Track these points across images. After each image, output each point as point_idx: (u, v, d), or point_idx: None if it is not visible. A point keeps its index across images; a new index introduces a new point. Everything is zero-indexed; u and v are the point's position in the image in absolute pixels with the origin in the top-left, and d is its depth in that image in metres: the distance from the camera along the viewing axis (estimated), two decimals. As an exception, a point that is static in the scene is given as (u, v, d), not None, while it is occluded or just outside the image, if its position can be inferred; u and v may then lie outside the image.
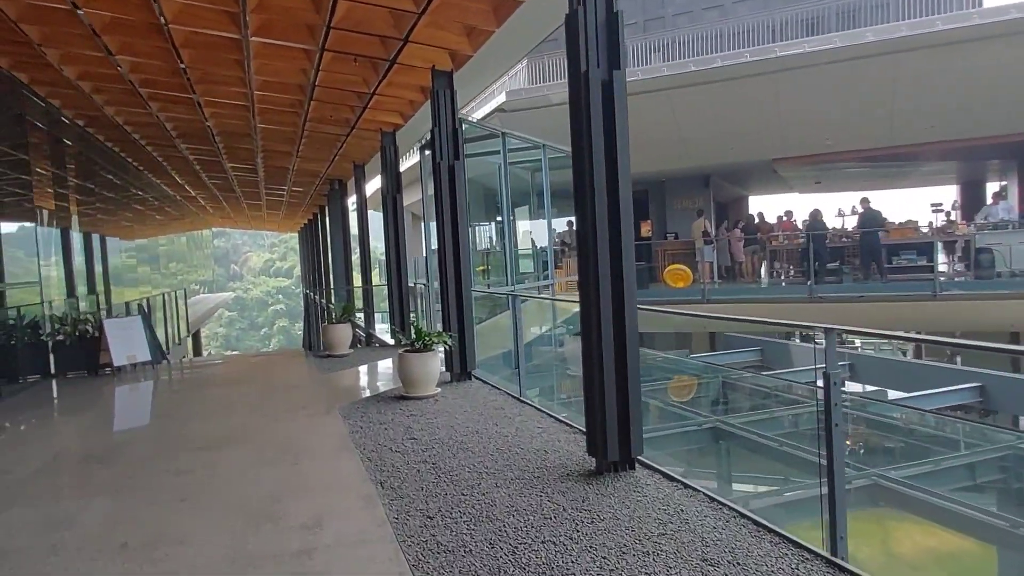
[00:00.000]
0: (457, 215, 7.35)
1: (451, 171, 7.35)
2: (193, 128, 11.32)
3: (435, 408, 6.18)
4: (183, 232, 36.66)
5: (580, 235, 4.24)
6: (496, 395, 6.70)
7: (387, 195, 10.58)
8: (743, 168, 17.56)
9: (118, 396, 7.62)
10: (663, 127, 14.00)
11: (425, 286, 10.47)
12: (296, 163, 14.18)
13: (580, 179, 4.18)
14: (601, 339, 4.06)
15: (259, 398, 7.01)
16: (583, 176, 4.16)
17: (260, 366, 9.43)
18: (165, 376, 9.06)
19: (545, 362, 10.54)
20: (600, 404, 4.08)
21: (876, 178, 19.99)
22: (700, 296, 13.97)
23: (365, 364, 9.06)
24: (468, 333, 7.42)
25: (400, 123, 10.14)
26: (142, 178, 16.79)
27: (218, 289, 69.04)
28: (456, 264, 7.37)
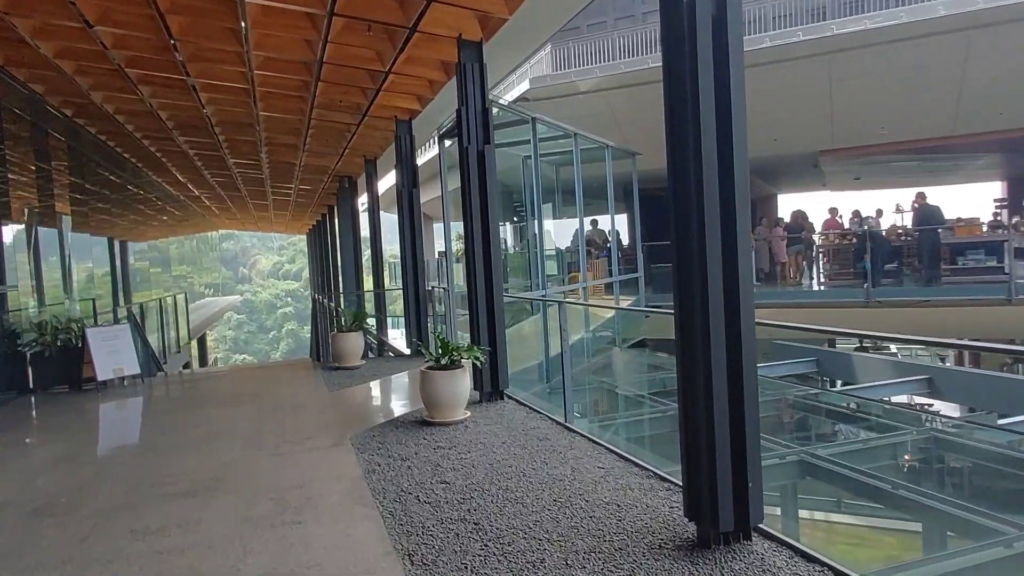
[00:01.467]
0: (487, 208, 6.32)
1: (481, 158, 6.32)
2: (190, 118, 10.35)
3: (466, 437, 5.15)
4: (188, 234, 35.90)
5: (680, 227, 3.19)
6: (536, 420, 5.66)
7: (402, 190, 9.57)
8: (782, 162, 16.38)
9: (96, 419, 6.63)
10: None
11: (445, 290, 9.44)
12: (303, 158, 13.20)
13: (680, 152, 3.14)
14: (710, 365, 3.01)
15: (257, 422, 5.99)
16: (683, 149, 3.12)
17: (262, 380, 8.43)
18: (155, 392, 8.07)
19: (578, 374, 9.48)
20: (708, 453, 3.02)
21: (920, 173, 18.74)
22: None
23: (379, 379, 8.04)
24: (501, 346, 6.39)
25: (417, 109, 9.12)
26: (140, 175, 15.87)
27: (226, 292, 68.61)
28: (487, 265, 6.34)
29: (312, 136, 11.21)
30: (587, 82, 12.36)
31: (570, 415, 5.55)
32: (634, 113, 12.89)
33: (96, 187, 14.38)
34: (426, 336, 9.64)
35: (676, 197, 3.16)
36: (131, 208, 17.42)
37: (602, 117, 12.17)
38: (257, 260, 76.86)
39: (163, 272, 26.09)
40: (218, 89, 8.69)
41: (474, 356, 5.56)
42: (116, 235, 16.40)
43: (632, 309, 11.65)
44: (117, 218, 16.98)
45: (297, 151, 12.56)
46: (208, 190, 19.23)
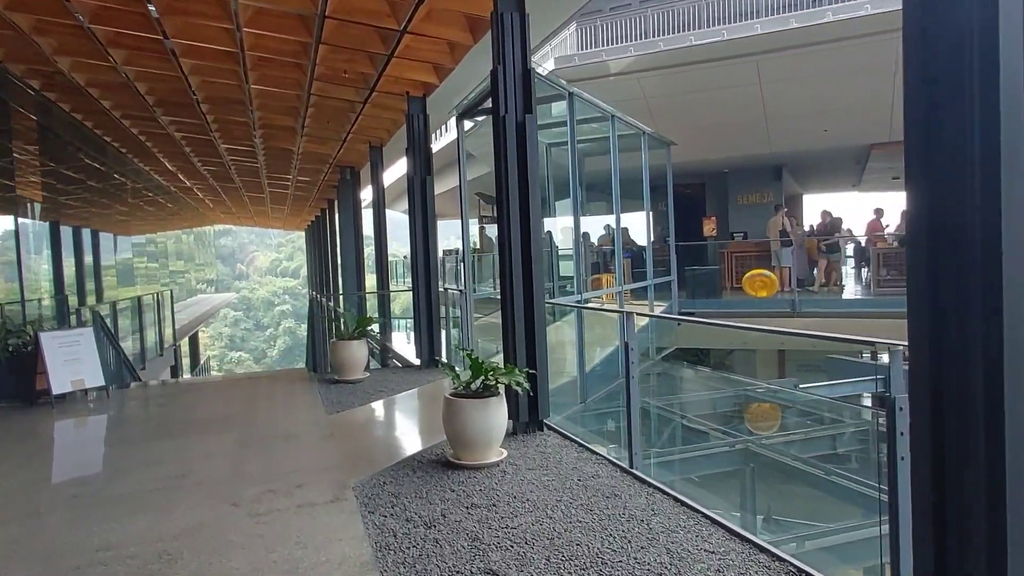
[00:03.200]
0: (529, 192, 5.08)
1: (520, 130, 5.08)
2: (173, 92, 9.10)
3: (507, 490, 3.91)
4: (182, 229, 34.61)
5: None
6: (591, 463, 4.43)
7: (414, 177, 8.33)
8: (823, 157, 15.10)
9: (36, 448, 5.37)
10: (742, 103, 11.70)
11: (461, 292, 8.19)
12: (301, 144, 11.95)
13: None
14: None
15: (236, 460, 4.74)
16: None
17: (250, 396, 7.17)
18: (120, 411, 6.80)
19: (613, 392, 8.23)
20: None
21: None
22: (789, 308, 11.65)
23: (386, 397, 6.79)
24: (542, 364, 5.14)
25: (433, 82, 7.88)
26: (125, 163, 14.60)
27: (224, 289, 67.36)
28: (526, 265, 5.10)
29: (312, 117, 9.96)
30: (620, 62, 11.14)
31: (637, 459, 4.30)
32: (670, 98, 11.66)
33: (74, 173, 13.14)
34: (436, 343, 8.40)
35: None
36: (115, 198, 16.15)
37: (633, 103, 10.98)
38: (255, 257, 75.67)
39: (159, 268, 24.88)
40: (201, 54, 7.44)
41: (515, 381, 4.31)
42: (99, 227, 15.13)
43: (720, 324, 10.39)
44: (100, 208, 15.71)
45: (295, 135, 11.31)
46: (200, 181, 17.97)
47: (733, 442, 6.86)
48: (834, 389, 9.02)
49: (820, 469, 6.08)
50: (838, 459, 6.59)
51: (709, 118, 12.48)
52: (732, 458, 6.67)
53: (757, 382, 9.79)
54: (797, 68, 10.69)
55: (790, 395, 9.14)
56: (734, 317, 11.75)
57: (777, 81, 11.05)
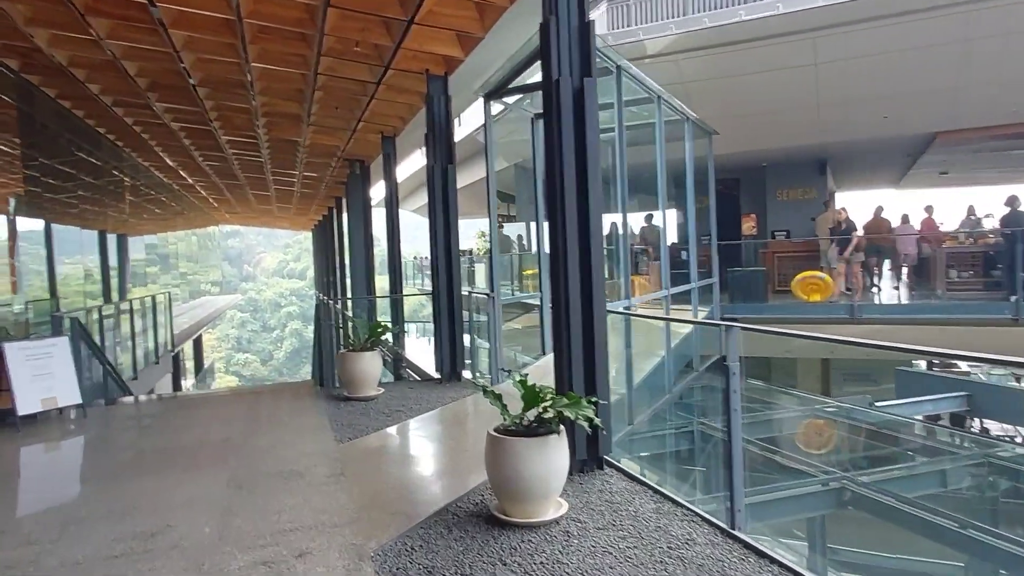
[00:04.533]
0: (588, 176, 4.09)
1: (578, 98, 4.10)
2: (165, 73, 8.17)
3: (578, 564, 2.95)
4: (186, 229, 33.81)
5: None
6: (676, 519, 3.46)
7: (434, 167, 7.35)
8: (878, 148, 13.91)
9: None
10: (793, 87, 10.65)
11: (489, 297, 7.21)
12: (308, 135, 11.02)
13: None
14: None
15: (222, 510, 3.77)
16: None
17: (248, 418, 6.19)
18: (95, 434, 5.86)
19: (662, 410, 7.21)
20: None
21: (1015, 172, 16.34)
22: (847, 313, 10.60)
23: (406, 419, 5.81)
24: (604, 388, 4.16)
25: (457, 56, 6.92)
26: (121, 157, 13.70)
27: (230, 290, 66.72)
28: (585, 266, 4.12)
29: (319, 103, 9.02)
30: (658, 42, 10.12)
31: (741, 517, 3.31)
32: (711, 82, 10.63)
33: (63, 166, 12.24)
34: (460, 355, 7.43)
35: None
36: (110, 194, 15.26)
37: (670, 89, 9.99)
38: (262, 258, 75.04)
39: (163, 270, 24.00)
40: (194, 23, 6.51)
41: (582, 415, 3.32)
42: (96, 226, 14.25)
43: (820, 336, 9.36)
44: (93, 205, 14.83)
45: (300, 124, 10.38)
46: (203, 177, 17.08)
47: (826, 479, 5.84)
48: (914, 407, 7.98)
49: (952, 519, 5.06)
50: (956, 502, 5.56)
51: (753, 105, 11.46)
52: (825, 499, 5.66)
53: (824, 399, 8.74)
54: (859, 46, 9.63)
55: (863, 414, 8.08)
56: (784, 324, 10.72)
57: (835, 61, 9.99)
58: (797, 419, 8.25)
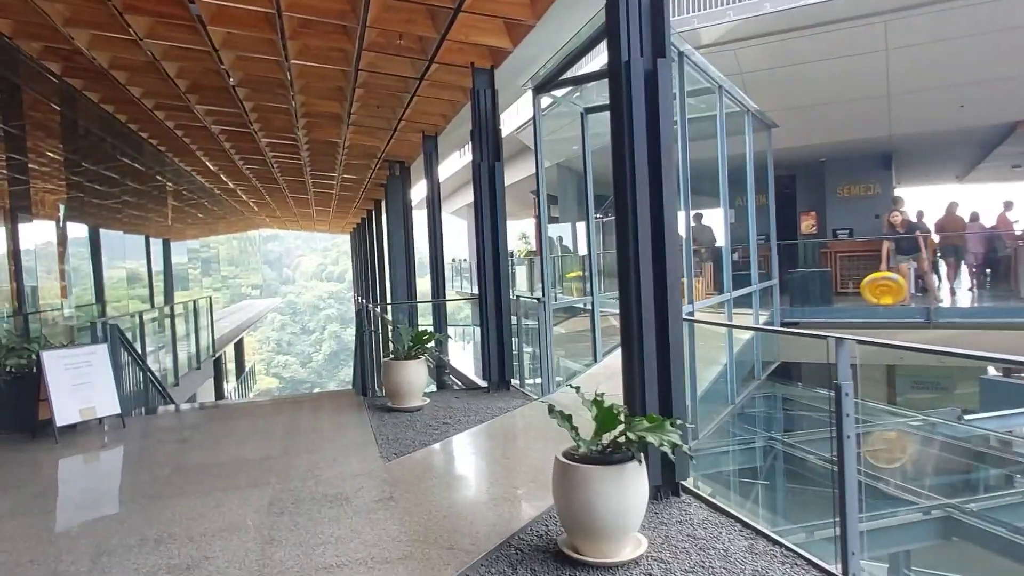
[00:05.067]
0: (661, 168, 3.66)
1: (651, 81, 3.68)
2: (205, 74, 8.00)
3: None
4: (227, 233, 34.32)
5: None
6: (776, 561, 2.99)
7: (481, 164, 6.99)
8: (949, 140, 13.00)
9: (5, 506, 4.17)
10: (861, 75, 9.94)
11: (540, 302, 6.80)
12: (348, 136, 10.78)
13: None
14: None
15: (262, 540, 3.44)
16: None
17: (288, 431, 5.90)
18: (133, 446, 5.64)
19: (725, 425, 6.69)
20: None
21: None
22: (922, 317, 9.88)
23: (455, 433, 5.44)
24: (680, 406, 3.72)
25: (505, 47, 6.53)
26: (163, 161, 13.73)
27: (271, 293, 67.88)
28: (659, 268, 3.68)
29: (360, 101, 8.75)
30: (715, 30, 9.59)
31: (855, 561, 2.83)
32: (771, 72, 9.99)
33: (108, 172, 12.29)
34: (508, 362, 7.04)
35: None
36: (153, 199, 15.37)
37: (726, 80, 9.46)
38: (301, 261, 76.12)
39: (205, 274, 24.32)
40: (232, 18, 6.27)
41: (667, 440, 2.88)
42: (140, 231, 14.35)
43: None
44: (137, 211, 14.94)
45: (340, 125, 10.14)
46: (243, 181, 17.10)
47: (927, 507, 5.25)
48: (1007, 420, 7.27)
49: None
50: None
51: (816, 95, 10.79)
52: (928, 529, 5.08)
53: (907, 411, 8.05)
54: (935, 30, 8.91)
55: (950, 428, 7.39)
56: (852, 329, 10.05)
57: (908, 47, 9.29)
58: (880, 433, 7.60)
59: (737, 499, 5.23)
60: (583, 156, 7.92)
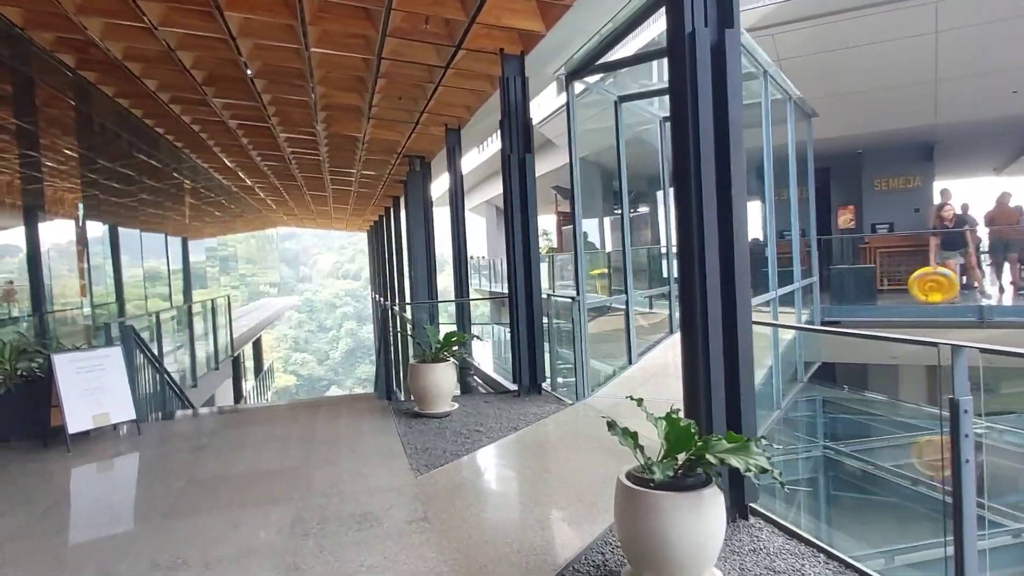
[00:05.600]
0: (730, 154, 3.27)
1: (717, 55, 3.29)
2: (221, 64, 7.72)
3: None
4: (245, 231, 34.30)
5: None
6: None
7: (511, 155, 6.62)
8: (996, 129, 12.39)
9: (9, 523, 3.87)
10: (907, 60, 9.39)
11: (574, 301, 6.41)
12: (368, 129, 10.45)
13: None
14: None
15: (286, 569, 3.10)
16: None
17: (310, 437, 5.57)
18: (147, 455, 5.34)
19: (771, 431, 6.26)
20: None
21: None
22: (975, 316, 9.36)
23: (489, 442, 5.08)
24: (750, 420, 3.32)
25: (537, 30, 6.14)
26: (179, 157, 13.50)
27: (288, 291, 68.13)
28: (727, 268, 3.29)
29: (381, 92, 8.40)
30: (753, 14, 9.08)
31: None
32: (811, 59, 9.48)
33: (125, 169, 12.10)
34: (540, 364, 6.67)
35: None
36: (171, 197, 15.19)
37: (761, 68, 8.99)
38: (318, 259, 76.32)
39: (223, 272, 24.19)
40: (250, 2, 5.94)
41: (753, 464, 2.49)
42: (159, 230, 14.19)
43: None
44: (155, 209, 14.77)
45: (360, 119, 9.82)
46: (261, 179, 16.87)
47: (1019, 529, 4.80)
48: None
49: None
50: None
51: (857, 83, 10.26)
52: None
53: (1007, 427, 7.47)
54: (989, 10, 8.38)
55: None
56: (899, 328, 9.56)
57: (960, 28, 8.75)
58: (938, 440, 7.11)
59: (796, 515, 4.83)
60: (616, 147, 7.52)
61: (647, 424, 2.75)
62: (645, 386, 6.71)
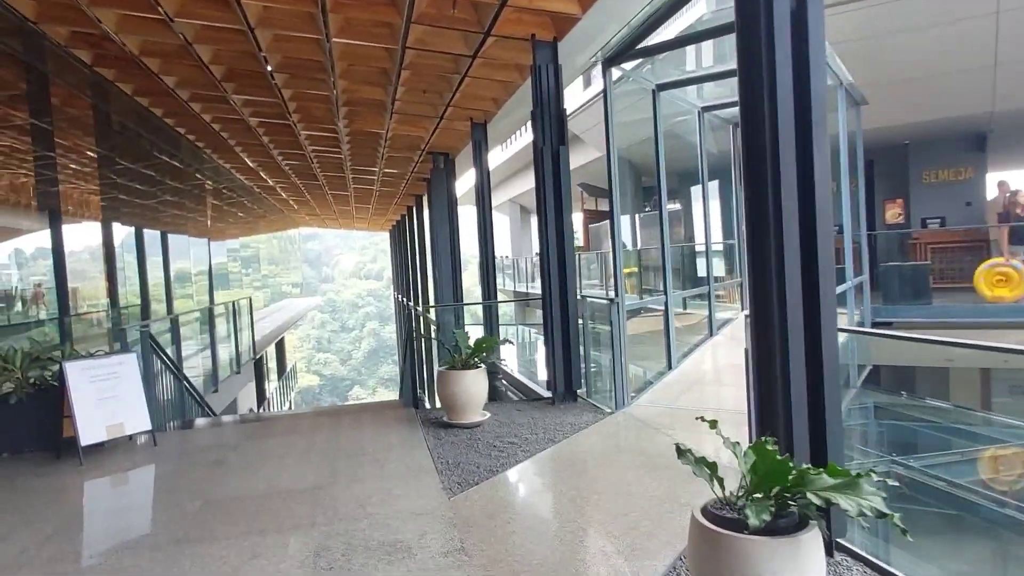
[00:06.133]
0: (812, 137, 2.84)
1: (798, 24, 2.85)
2: (240, 57, 7.42)
3: None
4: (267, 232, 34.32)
5: None
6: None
7: (543, 147, 6.21)
8: None
9: (7, 545, 3.57)
10: (966, 43, 8.75)
11: (612, 302, 5.98)
12: (391, 125, 10.13)
13: None
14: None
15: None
16: None
17: (333, 451, 5.22)
18: (161, 469, 5.04)
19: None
20: None
21: None
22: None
23: (527, 457, 4.69)
24: (838, 446, 2.88)
25: (573, 14, 5.74)
26: (201, 158, 13.32)
27: (309, 292, 68.53)
28: (809, 268, 2.86)
29: (405, 85, 8.05)
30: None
31: None
32: (862, 44, 8.87)
33: (148, 170, 11.93)
34: (576, 370, 6.26)
35: None
36: (193, 198, 15.05)
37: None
38: (340, 260, 76.65)
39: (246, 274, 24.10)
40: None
41: (867, 505, 2.06)
42: (181, 231, 14.05)
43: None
44: (177, 210, 14.64)
45: (383, 113, 9.49)
46: (283, 179, 16.67)
47: None
48: None
49: None
50: None
51: (907, 69, 9.65)
52: None
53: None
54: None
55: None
56: (959, 330, 8.95)
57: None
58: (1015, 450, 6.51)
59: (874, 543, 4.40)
60: (656, 139, 7.08)
61: (700, 435, 2.34)
62: (688, 394, 6.27)
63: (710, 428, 2.49)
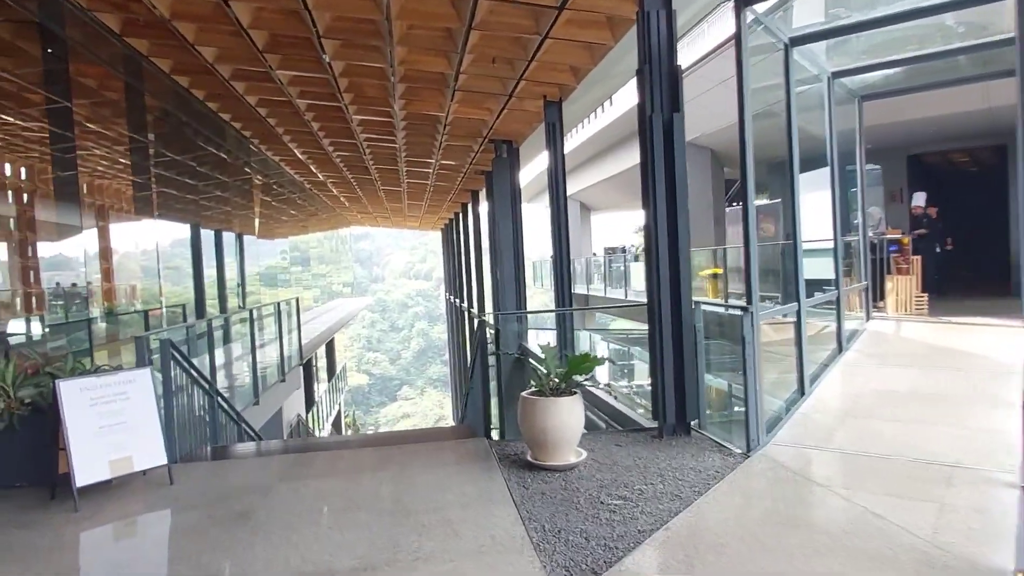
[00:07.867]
0: None
1: None
2: (285, 21, 6.37)
3: None
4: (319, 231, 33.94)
5: None
6: None
7: (652, 116, 4.89)
8: None
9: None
10: None
11: (745, 312, 4.61)
12: (452, 107, 8.97)
13: None
14: None
15: None
16: None
17: (391, 508, 3.98)
18: (172, 520, 3.94)
19: None
20: None
21: None
22: None
23: (657, 529, 3.39)
24: None
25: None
26: (246, 149, 12.47)
27: (360, 291, 68.69)
28: None
29: (472, 52, 6.85)
30: None
31: None
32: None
33: (196, 164, 11.14)
34: (692, 396, 4.92)
35: None
36: (243, 195, 14.29)
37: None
38: (390, 259, 76.73)
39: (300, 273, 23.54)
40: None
41: None
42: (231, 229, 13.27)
43: None
44: (226, 206, 13.88)
45: (444, 90, 8.34)
46: (333, 172, 15.81)
47: None
48: None
49: None
50: None
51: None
52: None
53: None
54: None
55: None
56: None
57: None
58: None
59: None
60: (787, 108, 5.66)
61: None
62: (842, 431, 4.83)
63: None
